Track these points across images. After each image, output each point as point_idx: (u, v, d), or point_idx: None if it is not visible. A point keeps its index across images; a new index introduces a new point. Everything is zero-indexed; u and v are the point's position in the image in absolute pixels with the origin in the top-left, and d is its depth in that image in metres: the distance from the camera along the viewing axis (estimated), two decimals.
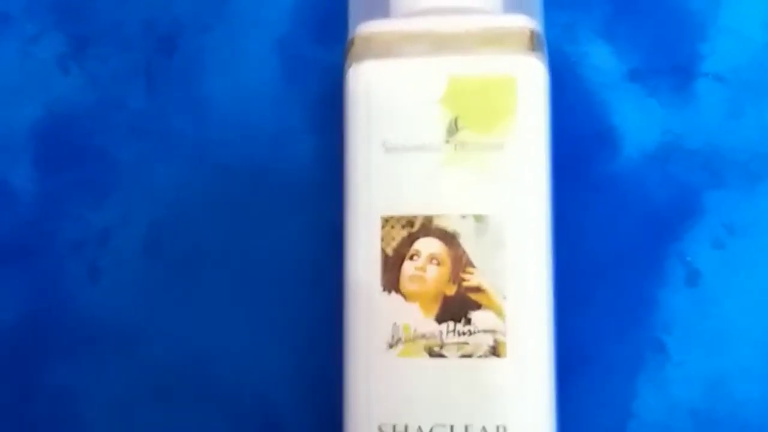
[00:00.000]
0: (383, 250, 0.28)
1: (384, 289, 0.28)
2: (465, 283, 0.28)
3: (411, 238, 0.28)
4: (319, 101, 0.35)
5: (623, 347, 0.33)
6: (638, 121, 0.34)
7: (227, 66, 0.35)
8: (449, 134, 0.28)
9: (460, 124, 0.28)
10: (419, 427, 0.27)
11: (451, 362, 0.28)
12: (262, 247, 0.34)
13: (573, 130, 0.34)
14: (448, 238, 0.28)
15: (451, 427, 0.27)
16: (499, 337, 0.28)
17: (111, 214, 0.35)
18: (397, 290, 0.28)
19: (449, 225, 0.28)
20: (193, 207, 0.35)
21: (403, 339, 0.28)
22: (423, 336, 0.28)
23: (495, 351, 0.28)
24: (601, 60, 0.35)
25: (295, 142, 0.35)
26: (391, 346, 0.28)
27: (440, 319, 0.28)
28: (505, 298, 0.28)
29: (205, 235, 0.35)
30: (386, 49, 0.29)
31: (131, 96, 0.36)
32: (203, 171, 0.35)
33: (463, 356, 0.28)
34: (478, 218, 0.28)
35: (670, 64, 0.35)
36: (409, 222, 0.28)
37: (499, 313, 0.28)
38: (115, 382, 0.34)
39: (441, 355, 0.28)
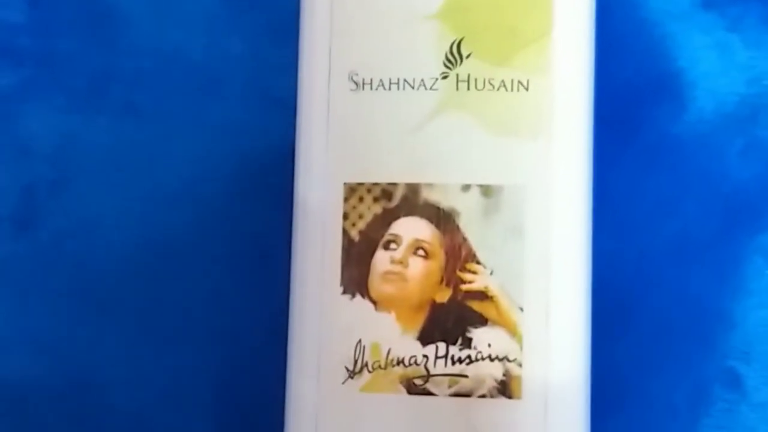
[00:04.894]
0: (346, 233, 0.27)
1: (345, 291, 0.26)
2: (464, 286, 0.26)
3: (387, 217, 0.27)
4: (274, 22, 0.33)
5: (682, 380, 0.32)
6: (713, 66, 0.33)
7: None
8: (449, 65, 0.27)
9: (465, 51, 0.27)
10: None
11: (441, 403, 0.26)
12: (182, 225, 0.33)
13: (624, 76, 0.33)
14: (442, 219, 0.26)
15: None
16: (513, 369, 0.26)
17: None
18: (365, 293, 0.26)
19: (443, 199, 0.26)
20: (85, 165, 0.33)
21: (370, 365, 0.26)
22: (400, 362, 0.26)
23: (505, 389, 0.26)
24: None
25: (237, 79, 0.33)
26: (352, 375, 0.26)
27: (426, 339, 0.26)
28: (522, 309, 0.26)
29: (102, 205, 0.33)
30: None
31: (7, 7, 0.34)
32: (103, 115, 0.33)
33: (458, 395, 0.26)
34: (487, 190, 0.26)
35: None
36: (386, 193, 0.27)
37: (514, 333, 0.26)
38: None
39: (426, 392, 0.26)
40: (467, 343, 0.26)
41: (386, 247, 0.26)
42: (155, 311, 0.33)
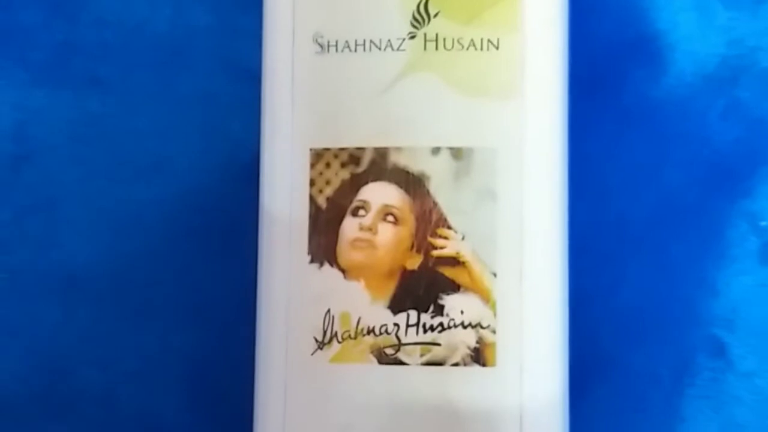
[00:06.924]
0: (313, 200, 0.26)
1: (313, 260, 0.26)
2: (436, 252, 0.26)
3: (355, 183, 0.26)
4: None
5: (665, 350, 0.31)
6: (694, 27, 0.33)
7: None
8: (416, 24, 0.26)
9: (432, 9, 0.26)
10: None
11: (413, 372, 0.26)
12: (149, 199, 0.32)
13: (602, 38, 0.32)
14: (411, 184, 0.26)
15: None
16: (487, 335, 0.26)
17: None
18: (333, 261, 0.26)
19: (413, 163, 0.26)
20: (49, 140, 0.33)
21: (339, 336, 0.26)
22: (370, 331, 0.26)
23: (479, 356, 0.26)
24: None
25: (203, 50, 0.33)
26: (321, 346, 0.26)
27: (397, 307, 0.26)
28: (495, 275, 0.26)
29: (66, 181, 0.33)
30: None
31: None
32: (66, 89, 0.33)
33: (431, 364, 0.26)
34: (457, 153, 0.26)
35: None
36: (354, 158, 0.26)
37: (487, 299, 0.26)
38: None
39: (397, 362, 0.26)
40: (439, 310, 0.26)
41: (355, 214, 0.26)
42: (123, 288, 0.32)
